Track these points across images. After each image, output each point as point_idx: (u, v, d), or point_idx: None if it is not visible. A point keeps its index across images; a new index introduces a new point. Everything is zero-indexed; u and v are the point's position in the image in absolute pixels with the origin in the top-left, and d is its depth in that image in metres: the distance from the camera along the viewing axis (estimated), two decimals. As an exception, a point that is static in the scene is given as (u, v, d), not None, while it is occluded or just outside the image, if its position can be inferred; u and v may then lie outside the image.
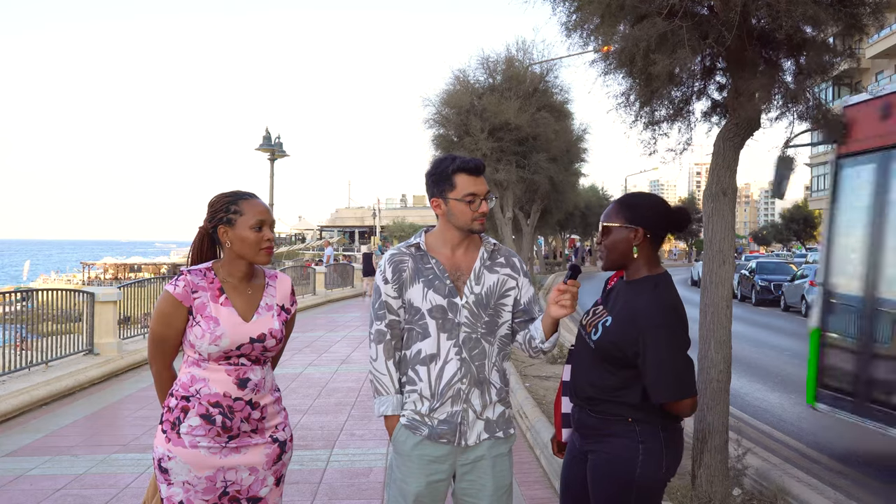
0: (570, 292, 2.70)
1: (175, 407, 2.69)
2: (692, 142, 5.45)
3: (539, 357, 2.96)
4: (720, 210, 4.94)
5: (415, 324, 2.85)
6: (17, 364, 8.72)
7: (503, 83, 18.98)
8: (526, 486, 5.51)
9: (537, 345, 2.85)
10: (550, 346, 2.86)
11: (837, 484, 6.13)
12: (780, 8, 4.12)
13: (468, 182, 2.83)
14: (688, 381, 2.59)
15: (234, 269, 2.77)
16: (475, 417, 2.83)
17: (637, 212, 2.74)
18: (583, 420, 2.77)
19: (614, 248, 2.75)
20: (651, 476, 2.63)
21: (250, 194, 2.80)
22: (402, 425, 2.86)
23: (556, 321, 2.78)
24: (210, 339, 2.65)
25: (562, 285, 2.71)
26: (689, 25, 4.33)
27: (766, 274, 27.18)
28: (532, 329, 2.88)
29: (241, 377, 2.71)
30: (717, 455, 4.80)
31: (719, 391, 4.81)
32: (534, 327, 2.87)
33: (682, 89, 5.19)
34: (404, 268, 2.88)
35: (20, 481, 5.61)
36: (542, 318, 2.84)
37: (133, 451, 6.43)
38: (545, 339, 2.82)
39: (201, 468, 2.66)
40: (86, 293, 10.65)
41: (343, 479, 5.65)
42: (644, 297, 2.66)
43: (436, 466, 2.82)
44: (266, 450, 2.77)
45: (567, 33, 5.13)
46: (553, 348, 2.89)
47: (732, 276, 4.98)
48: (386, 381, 2.88)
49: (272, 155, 22.54)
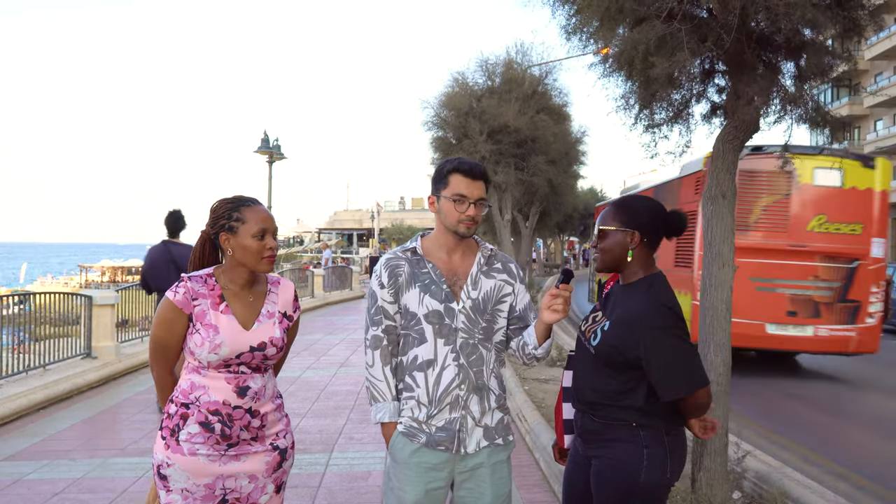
0: (562, 297, 2.69)
1: (174, 414, 2.68)
2: (692, 144, 5.45)
3: (533, 364, 2.94)
4: (719, 212, 4.93)
5: (411, 329, 2.83)
6: (14, 368, 8.69)
7: (502, 86, 18.98)
8: (525, 490, 5.49)
9: (530, 351, 2.84)
10: (544, 353, 2.84)
11: (837, 487, 6.13)
12: (779, 11, 4.11)
13: (461, 182, 2.82)
14: (697, 372, 2.58)
15: (235, 275, 2.75)
16: (474, 424, 2.81)
17: (633, 215, 2.74)
18: (586, 425, 2.76)
19: (610, 251, 2.76)
20: (655, 481, 2.61)
21: (253, 200, 2.76)
22: (400, 433, 2.82)
23: (548, 327, 2.76)
24: (209, 347, 2.63)
25: (554, 290, 2.70)
26: (688, 28, 4.33)
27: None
28: (525, 335, 2.86)
29: (240, 385, 2.69)
30: (717, 458, 4.79)
31: (719, 394, 4.80)
32: (527, 334, 2.85)
33: (681, 92, 5.19)
34: (400, 272, 2.86)
35: (18, 486, 5.58)
36: (535, 323, 2.83)
37: (131, 454, 6.40)
38: (538, 345, 2.81)
39: (200, 476, 2.64)
40: (83, 296, 10.61)
41: (342, 483, 5.64)
42: (640, 298, 2.66)
43: (434, 474, 2.79)
44: (266, 457, 2.75)
45: (566, 37, 5.14)
46: (546, 355, 2.87)
47: (732, 279, 4.97)
48: (382, 387, 2.85)
49: (270, 157, 22.52)
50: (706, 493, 4.74)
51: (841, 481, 6.50)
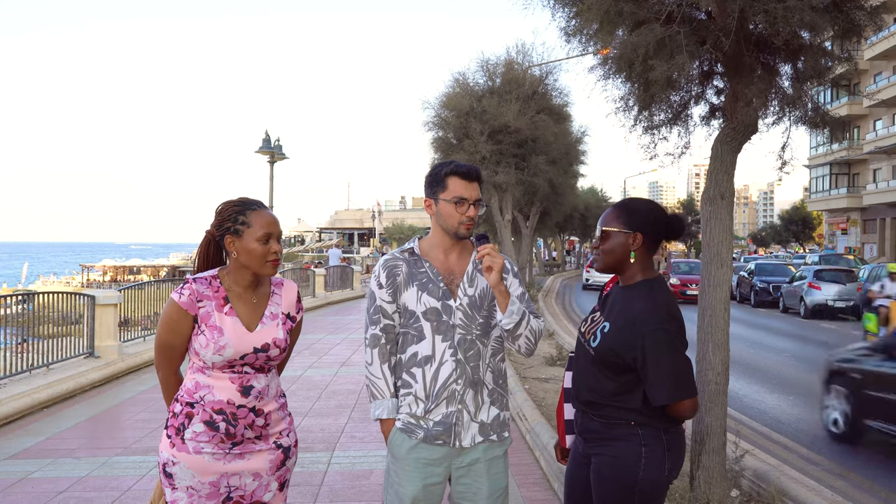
0: (486, 254, 2.74)
1: (180, 413, 2.72)
2: (690, 145, 5.49)
3: (517, 345, 2.91)
4: (718, 213, 4.97)
5: (410, 327, 2.88)
6: (18, 367, 8.74)
7: (503, 86, 18.98)
8: (526, 488, 5.54)
9: (500, 325, 2.81)
10: (511, 323, 2.78)
11: (835, 485, 6.16)
12: (778, 14, 4.15)
13: (459, 185, 2.87)
14: (687, 382, 2.62)
15: (239, 277, 2.78)
16: (469, 419, 2.86)
17: (636, 217, 2.78)
18: (586, 425, 2.80)
19: (612, 252, 2.79)
20: (654, 478, 2.66)
21: (259, 204, 2.79)
22: (398, 429, 2.88)
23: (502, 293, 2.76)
24: (214, 348, 2.67)
25: (477, 254, 2.77)
26: (687, 31, 4.37)
27: (765, 275, 27.24)
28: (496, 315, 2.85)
29: (244, 385, 2.73)
30: (715, 457, 4.83)
31: (717, 393, 4.84)
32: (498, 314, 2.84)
33: (680, 94, 5.23)
34: (398, 272, 2.92)
35: (22, 484, 5.63)
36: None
37: (135, 453, 6.45)
38: (503, 315, 2.79)
39: (205, 474, 2.69)
40: (86, 296, 10.66)
41: (344, 482, 5.68)
42: (640, 301, 2.69)
43: (432, 469, 2.84)
44: (270, 455, 2.79)
45: (566, 38, 5.17)
46: (515, 325, 2.79)
47: (731, 279, 5.02)
48: (381, 384, 2.90)
49: (272, 157, 22.53)
50: (704, 491, 4.78)
51: (839, 479, 6.54)
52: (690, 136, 5.40)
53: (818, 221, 66.05)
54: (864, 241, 49.49)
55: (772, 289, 26.08)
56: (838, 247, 50.88)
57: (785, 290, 24.47)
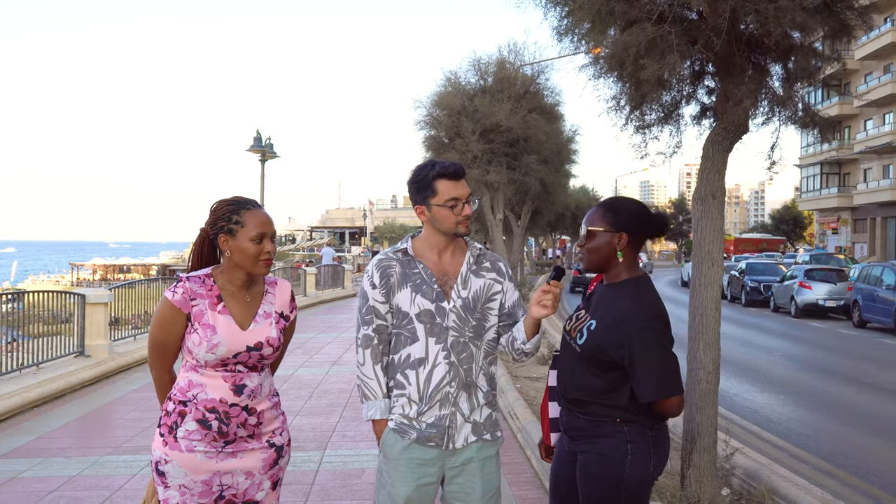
0: (552, 293, 2.73)
1: (172, 411, 2.72)
2: (682, 145, 5.51)
3: (522, 360, 2.98)
4: (709, 213, 4.99)
5: (403, 328, 2.87)
6: (8, 366, 8.70)
7: (494, 85, 18.97)
8: (517, 487, 5.55)
9: (519, 346, 2.87)
10: (532, 348, 2.87)
11: (825, 484, 6.20)
12: (769, 14, 4.16)
13: (449, 187, 2.85)
14: (674, 379, 2.64)
15: (233, 276, 2.78)
16: (463, 420, 2.85)
17: (621, 217, 2.79)
18: (571, 422, 2.82)
19: (597, 251, 2.80)
20: (640, 475, 2.68)
21: (253, 203, 2.80)
22: (391, 429, 2.87)
23: (537, 322, 2.80)
24: (207, 347, 2.67)
25: (546, 286, 2.75)
26: (679, 31, 4.38)
27: (756, 275, 27.35)
28: (515, 331, 2.89)
29: (237, 383, 2.73)
30: (705, 455, 4.84)
31: (708, 392, 4.86)
32: (516, 329, 2.88)
33: (671, 93, 5.24)
34: (392, 273, 2.90)
35: (13, 483, 5.60)
36: (524, 319, 2.87)
37: (125, 452, 6.43)
38: (527, 339, 2.84)
39: (197, 472, 2.68)
40: (76, 295, 10.61)
41: (336, 481, 5.68)
42: (626, 299, 2.71)
43: (425, 469, 2.83)
44: (262, 454, 2.79)
45: (558, 38, 5.19)
46: (535, 350, 2.91)
47: (721, 278, 5.04)
48: (373, 385, 2.89)
49: (263, 156, 22.50)
50: (695, 489, 4.80)
51: (829, 478, 6.58)
52: (682, 136, 5.43)
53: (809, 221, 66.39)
54: (854, 240, 49.76)
55: (763, 288, 26.19)
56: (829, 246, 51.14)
57: (776, 289, 24.59)
